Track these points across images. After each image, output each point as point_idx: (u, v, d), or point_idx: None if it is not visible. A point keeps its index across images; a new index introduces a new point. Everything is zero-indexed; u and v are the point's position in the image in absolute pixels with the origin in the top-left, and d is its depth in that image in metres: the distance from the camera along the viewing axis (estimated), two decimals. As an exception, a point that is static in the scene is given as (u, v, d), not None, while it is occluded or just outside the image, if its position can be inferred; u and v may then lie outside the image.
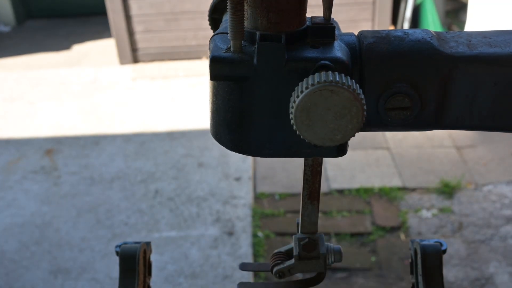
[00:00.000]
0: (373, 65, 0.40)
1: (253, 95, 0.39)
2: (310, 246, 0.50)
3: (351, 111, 0.35)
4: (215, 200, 2.98)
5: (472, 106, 0.41)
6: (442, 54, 0.39)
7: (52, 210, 2.98)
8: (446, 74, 0.40)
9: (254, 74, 0.38)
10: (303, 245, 0.50)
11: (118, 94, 4.48)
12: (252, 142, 0.41)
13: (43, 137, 3.81)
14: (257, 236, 2.68)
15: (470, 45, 0.40)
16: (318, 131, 0.36)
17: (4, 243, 2.74)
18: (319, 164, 0.49)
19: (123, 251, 0.50)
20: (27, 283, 2.48)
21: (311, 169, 0.49)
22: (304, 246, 0.50)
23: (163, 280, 2.45)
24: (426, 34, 0.41)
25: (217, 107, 0.41)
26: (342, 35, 0.42)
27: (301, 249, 0.50)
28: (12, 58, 5.53)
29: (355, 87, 0.35)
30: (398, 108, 0.40)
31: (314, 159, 0.49)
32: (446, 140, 3.47)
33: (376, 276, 2.41)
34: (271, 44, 0.38)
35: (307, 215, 0.51)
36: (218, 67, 0.39)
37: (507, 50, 0.39)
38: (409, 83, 0.40)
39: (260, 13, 0.39)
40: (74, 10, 6.77)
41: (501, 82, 0.39)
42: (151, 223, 2.83)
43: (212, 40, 0.42)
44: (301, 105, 0.36)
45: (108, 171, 3.32)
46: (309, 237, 0.51)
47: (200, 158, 3.40)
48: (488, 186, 2.97)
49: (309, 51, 0.39)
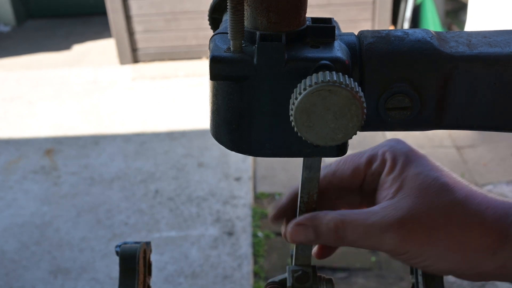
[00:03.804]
0: (373, 65, 0.40)
1: (253, 95, 0.39)
2: (304, 278, 0.52)
3: (350, 109, 0.35)
4: (215, 200, 2.98)
5: (472, 106, 0.41)
6: (442, 54, 0.39)
7: (52, 210, 2.98)
8: (446, 73, 0.40)
9: (254, 74, 0.38)
10: (296, 277, 0.52)
11: (118, 94, 4.48)
12: (252, 142, 0.41)
13: (43, 137, 3.81)
14: (257, 236, 2.68)
15: (470, 45, 0.40)
16: (319, 132, 0.36)
17: (4, 243, 2.74)
18: (314, 202, 0.49)
19: (123, 251, 0.50)
20: (27, 283, 2.48)
21: (306, 206, 0.50)
22: (297, 278, 0.52)
23: (163, 280, 2.45)
24: (426, 34, 0.41)
25: (217, 107, 0.41)
26: (342, 35, 0.42)
27: (294, 281, 0.52)
28: (12, 58, 5.53)
29: (353, 86, 0.35)
30: (398, 108, 0.41)
31: (309, 196, 0.49)
32: (446, 140, 3.47)
33: (376, 276, 2.41)
34: (271, 44, 0.38)
35: (301, 249, 0.52)
36: (218, 66, 0.39)
37: (507, 50, 0.39)
38: (409, 83, 0.40)
39: (260, 13, 0.39)
40: (74, 10, 6.78)
41: (501, 82, 0.39)
42: (151, 223, 2.83)
43: (212, 40, 0.42)
44: (300, 106, 0.36)
45: (108, 171, 3.32)
46: (302, 270, 0.52)
47: (200, 158, 3.41)
48: (488, 186, 2.97)
49: (309, 51, 0.39)
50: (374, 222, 0.45)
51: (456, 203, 0.44)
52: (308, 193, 0.49)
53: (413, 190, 0.45)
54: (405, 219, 0.44)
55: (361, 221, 0.46)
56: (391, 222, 0.44)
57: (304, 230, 0.49)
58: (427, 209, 0.44)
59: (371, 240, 0.46)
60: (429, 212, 0.44)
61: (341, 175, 0.51)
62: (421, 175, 0.45)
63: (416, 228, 0.44)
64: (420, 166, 0.46)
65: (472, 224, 0.44)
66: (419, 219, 0.44)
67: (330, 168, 0.52)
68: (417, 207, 0.44)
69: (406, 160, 0.47)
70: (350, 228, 0.46)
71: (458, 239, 0.44)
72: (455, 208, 0.44)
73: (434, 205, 0.44)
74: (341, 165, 0.51)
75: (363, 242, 0.46)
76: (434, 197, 0.44)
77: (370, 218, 0.45)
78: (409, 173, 0.46)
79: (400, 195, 0.46)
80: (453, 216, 0.44)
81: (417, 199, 0.45)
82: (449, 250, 0.44)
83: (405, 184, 0.46)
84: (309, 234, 0.48)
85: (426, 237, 0.44)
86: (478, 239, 0.43)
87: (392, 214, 0.45)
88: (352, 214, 0.47)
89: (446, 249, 0.44)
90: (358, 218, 0.46)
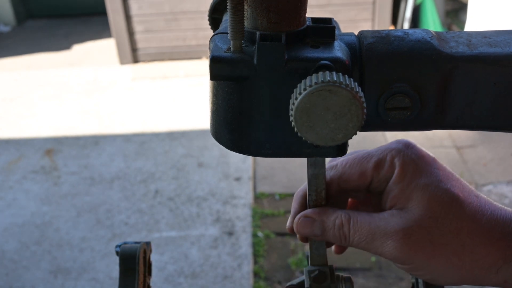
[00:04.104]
0: (373, 65, 0.40)
1: (253, 95, 0.39)
2: (321, 278, 0.52)
3: (350, 109, 0.35)
4: (215, 200, 2.98)
5: (472, 106, 0.41)
6: (442, 54, 0.39)
7: (52, 210, 2.98)
8: (446, 74, 0.40)
9: (254, 74, 0.38)
10: (313, 278, 0.52)
11: (118, 94, 4.48)
12: (252, 142, 0.41)
13: (43, 137, 3.81)
14: (257, 236, 2.68)
15: (470, 45, 0.40)
16: (319, 132, 0.36)
17: (4, 243, 2.74)
18: (322, 199, 0.50)
19: (123, 251, 0.50)
20: (27, 283, 2.48)
21: (315, 203, 0.50)
22: (314, 278, 0.52)
23: (163, 280, 2.45)
24: (426, 34, 0.41)
25: (217, 107, 0.41)
26: (342, 35, 0.42)
27: (312, 281, 0.52)
28: (12, 58, 5.53)
29: (353, 86, 0.35)
30: (398, 108, 0.40)
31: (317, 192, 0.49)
32: (446, 140, 3.47)
33: (376, 276, 2.41)
34: (271, 44, 0.38)
35: (315, 248, 0.52)
36: (218, 67, 0.39)
37: (507, 50, 0.39)
38: (409, 83, 0.40)
39: (260, 13, 0.39)
40: (74, 10, 6.77)
41: (501, 82, 0.39)
42: (151, 223, 2.83)
43: (212, 40, 0.42)
44: (300, 106, 0.36)
45: (108, 171, 3.32)
46: (319, 269, 0.52)
47: (200, 158, 3.41)
48: (488, 186, 2.97)
49: (309, 51, 0.39)
50: (379, 226, 0.45)
51: (464, 219, 0.44)
52: (315, 190, 0.49)
53: (423, 202, 0.45)
54: (411, 230, 0.44)
55: (367, 223, 0.46)
56: (396, 230, 0.44)
57: (311, 224, 0.49)
58: (435, 223, 0.44)
59: (374, 244, 0.46)
60: (437, 226, 0.44)
61: (347, 178, 0.51)
62: (431, 187, 0.45)
63: (422, 241, 0.44)
64: (430, 176, 0.46)
65: (479, 243, 0.44)
66: (426, 232, 0.44)
67: (336, 171, 0.51)
68: (425, 220, 0.44)
69: (416, 169, 0.47)
70: (355, 227, 0.46)
71: (463, 256, 0.44)
72: (463, 225, 0.44)
73: (442, 219, 0.44)
74: (347, 168, 0.51)
75: (366, 244, 0.46)
76: (442, 211, 0.44)
77: (376, 221, 0.46)
78: (418, 184, 0.45)
79: (409, 205, 0.45)
80: (461, 232, 0.44)
81: (425, 211, 0.44)
82: (453, 266, 0.44)
83: (414, 195, 0.45)
84: (316, 228, 0.49)
85: (431, 251, 0.44)
86: (483, 258, 0.44)
87: (398, 222, 0.45)
88: (359, 215, 0.47)
89: (451, 264, 0.44)
90: (365, 220, 0.46)
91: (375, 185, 0.49)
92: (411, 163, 0.47)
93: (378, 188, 0.49)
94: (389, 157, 0.48)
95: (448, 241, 0.44)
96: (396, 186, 0.47)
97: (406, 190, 0.46)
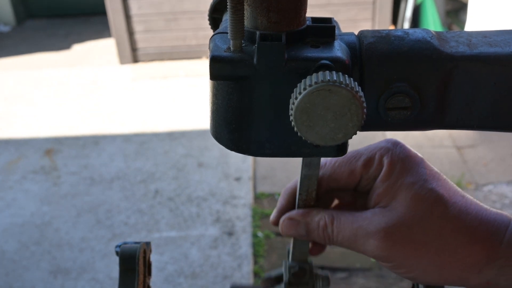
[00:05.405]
0: (373, 64, 0.40)
1: (253, 94, 0.39)
2: (300, 274, 0.53)
3: (350, 109, 0.35)
4: (215, 200, 2.98)
5: (472, 106, 0.41)
6: (442, 53, 0.39)
7: (52, 210, 2.98)
8: (447, 73, 0.40)
9: (254, 73, 0.38)
10: (293, 273, 0.53)
11: (118, 94, 4.48)
12: (252, 142, 0.41)
13: (43, 137, 3.81)
14: (257, 236, 2.68)
15: (470, 44, 0.40)
16: (319, 131, 0.36)
17: (4, 243, 2.74)
18: (312, 199, 0.50)
19: (123, 251, 0.50)
20: (27, 283, 2.48)
21: (304, 203, 0.50)
22: (294, 274, 0.53)
23: (163, 280, 2.45)
24: (426, 34, 0.41)
25: (217, 107, 0.41)
26: (342, 34, 0.42)
27: (291, 276, 0.53)
28: (12, 58, 5.53)
29: (353, 85, 0.35)
30: (398, 108, 0.40)
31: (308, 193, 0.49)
32: (446, 140, 3.47)
33: (376, 276, 2.41)
34: (271, 44, 0.37)
35: (298, 246, 0.53)
36: (218, 66, 0.39)
37: (507, 50, 0.39)
38: (409, 82, 0.40)
39: (260, 12, 0.39)
40: (74, 10, 6.78)
41: (501, 82, 0.39)
42: (151, 223, 2.83)
43: (212, 40, 0.42)
44: (300, 106, 0.36)
45: (108, 171, 3.32)
46: (299, 265, 0.53)
47: (200, 158, 3.41)
48: (488, 186, 2.97)
49: (309, 51, 0.39)
50: (361, 226, 0.45)
51: (448, 218, 0.44)
52: (306, 190, 0.49)
53: (406, 201, 0.44)
54: (393, 228, 0.44)
55: (349, 223, 0.46)
56: (378, 229, 0.44)
57: (296, 225, 0.49)
58: (418, 222, 0.44)
59: (357, 243, 0.46)
60: (420, 225, 0.44)
61: (336, 177, 0.51)
62: (416, 185, 0.45)
63: (404, 239, 0.44)
64: (416, 175, 0.45)
65: (462, 243, 0.43)
66: (408, 230, 0.44)
67: (325, 170, 0.51)
68: (407, 218, 0.44)
69: (403, 168, 0.46)
70: (338, 228, 0.47)
71: (445, 256, 0.43)
72: (446, 224, 0.44)
73: (425, 218, 0.44)
74: (336, 167, 0.51)
75: (349, 244, 0.46)
76: (426, 210, 0.44)
77: (358, 221, 0.46)
78: (404, 182, 0.45)
79: (392, 204, 0.45)
80: (444, 232, 0.44)
81: (408, 210, 0.44)
82: (435, 265, 0.44)
83: (399, 193, 0.45)
84: (301, 229, 0.49)
85: (413, 250, 0.44)
86: (465, 258, 0.43)
87: (380, 221, 0.45)
88: (342, 215, 0.47)
89: (432, 263, 0.44)
90: (348, 220, 0.46)
91: (364, 184, 0.49)
92: (399, 161, 0.47)
93: (366, 187, 0.49)
94: (378, 155, 0.48)
95: (430, 239, 0.44)
96: (382, 184, 0.46)
97: (392, 189, 0.46)
